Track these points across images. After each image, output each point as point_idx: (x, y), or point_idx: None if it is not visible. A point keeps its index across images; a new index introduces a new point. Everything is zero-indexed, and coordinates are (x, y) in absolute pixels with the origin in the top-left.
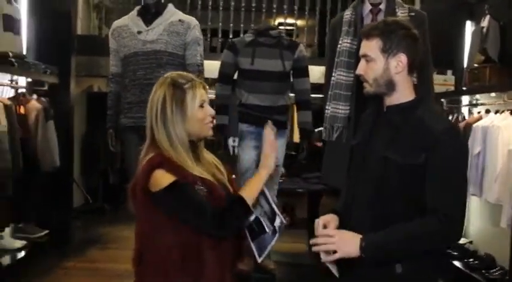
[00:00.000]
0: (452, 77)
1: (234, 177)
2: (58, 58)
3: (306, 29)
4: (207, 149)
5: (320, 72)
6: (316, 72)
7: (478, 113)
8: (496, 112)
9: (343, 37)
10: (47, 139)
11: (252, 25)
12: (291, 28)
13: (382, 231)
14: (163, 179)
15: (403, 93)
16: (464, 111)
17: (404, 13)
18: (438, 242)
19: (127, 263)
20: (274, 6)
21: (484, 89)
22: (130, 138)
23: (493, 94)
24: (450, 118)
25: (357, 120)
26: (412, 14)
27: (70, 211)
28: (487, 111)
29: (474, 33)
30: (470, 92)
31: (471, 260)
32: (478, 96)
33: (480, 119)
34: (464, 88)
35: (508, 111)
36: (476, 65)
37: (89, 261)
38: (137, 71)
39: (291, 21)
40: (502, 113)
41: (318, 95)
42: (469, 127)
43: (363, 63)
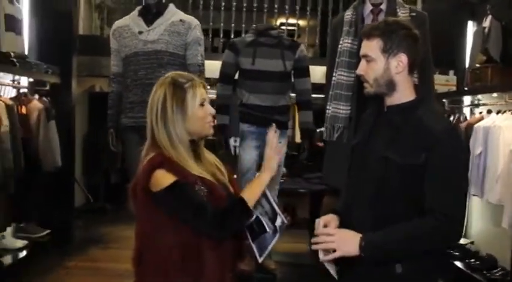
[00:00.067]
0: (454, 77)
1: (236, 177)
2: (60, 58)
3: (307, 29)
4: (208, 149)
5: (322, 73)
6: (318, 73)
7: (480, 113)
8: (497, 112)
9: (344, 37)
10: (49, 139)
11: (254, 25)
12: (293, 28)
13: (382, 230)
14: (163, 178)
15: (404, 93)
16: (466, 111)
17: (405, 13)
18: (438, 241)
19: (128, 262)
20: (276, 6)
21: (486, 89)
22: (131, 138)
23: (495, 94)
24: (452, 118)
25: (358, 120)
26: (413, 14)
27: (72, 211)
28: (489, 112)
29: (476, 34)
30: (472, 92)
31: (472, 260)
32: (479, 96)
33: (482, 119)
34: (466, 88)
35: (510, 112)
36: (478, 65)
37: (90, 261)
38: (138, 71)
39: (292, 21)
40: (504, 113)
41: (320, 95)
42: (470, 127)
43: (363, 63)
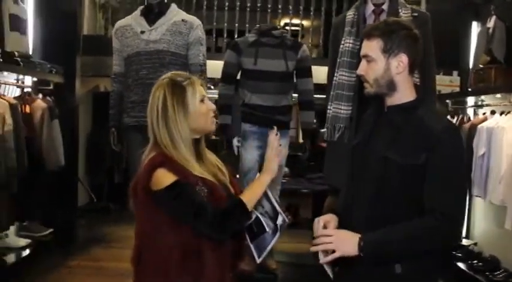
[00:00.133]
0: (458, 78)
1: (238, 177)
2: (64, 58)
3: (311, 29)
4: (210, 149)
5: (326, 73)
6: (322, 73)
7: (483, 114)
8: (501, 113)
9: (346, 37)
10: (52, 138)
11: (257, 25)
12: (297, 28)
13: (381, 230)
14: (164, 178)
15: (404, 94)
16: (470, 112)
17: (407, 13)
18: (437, 241)
19: None
20: (280, 6)
21: (490, 90)
22: (133, 137)
23: (499, 95)
24: (455, 119)
25: (359, 120)
26: (415, 14)
27: (75, 210)
28: (492, 112)
29: (480, 34)
30: (476, 93)
31: (475, 261)
32: (483, 97)
33: (485, 120)
34: (469, 89)
35: None
36: (481, 66)
37: (93, 260)
38: (140, 71)
39: (296, 21)
40: (507, 114)
41: (323, 96)
42: (474, 128)
43: (363, 63)
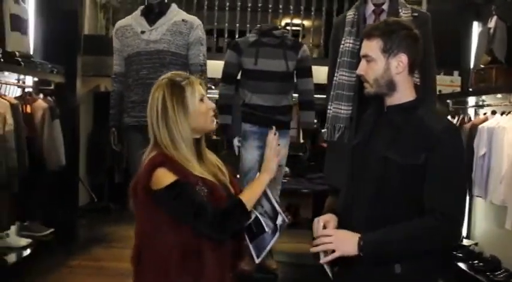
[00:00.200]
0: (459, 78)
1: (238, 177)
2: (65, 58)
3: (312, 29)
4: (211, 149)
5: (326, 73)
6: (323, 73)
7: (484, 114)
8: (502, 113)
9: (346, 37)
10: (53, 138)
11: (258, 25)
12: (298, 29)
13: (381, 230)
14: (164, 177)
15: (404, 94)
16: (471, 112)
17: (408, 14)
18: (437, 241)
19: None
20: (281, 6)
21: (490, 90)
22: (133, 137)
23: (499, 95)
24: (456, 119)
25: (359, 120)
26: (415, 14)
27: (75, 210)
28: (493, 113)
29: (481, 34)
30: (477, 93)
31: (476, 262)
32: (484, 97)
33: (486, 120)
34: (470, 89)
35: None
36: (482, 66)
37: (93, 260)
38: (140, 71)
39: (297, 21)
40: (508, 114)
41: (325, 96)
42: (474, 128)
43: (363, 63)
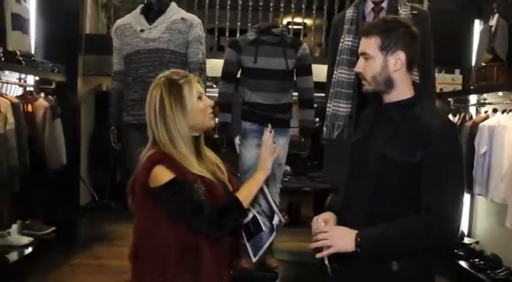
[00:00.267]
0: (460, 76)
1: (238, 175)
2: (66, 57)
3: (313, 28)
4: (210, 147)
5: None
6: (325, 72)
7: (485, 112)
8: (503, 111)
9: (345, 35)
10: (54, 137)
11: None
12: (299, 27)
13: (378, 226)
14: (162, 175)
15: (402, 91)
16: (472, 110)
17: (407, 11)
18: (431, 238)
19: None
20: (282, 5)
21: (492, 88)
22: (132, 135)
23: (501, 93)
24: (457, 117)
25: (358, 118)
26: (415, 12)
27: (77, 208)
28: (494, 111)
29: (482, 32)
30: (478, 91)
31: (477, 260)
32: (485, 95)
33: (487, 118)
34: (471, 87)
35: None
36: (484, 64)
37: (95, 258)
38: (139, 69)
39: (298, 20)
40: (509, 113)
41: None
42: (475, 126)
43: (361, 61)
